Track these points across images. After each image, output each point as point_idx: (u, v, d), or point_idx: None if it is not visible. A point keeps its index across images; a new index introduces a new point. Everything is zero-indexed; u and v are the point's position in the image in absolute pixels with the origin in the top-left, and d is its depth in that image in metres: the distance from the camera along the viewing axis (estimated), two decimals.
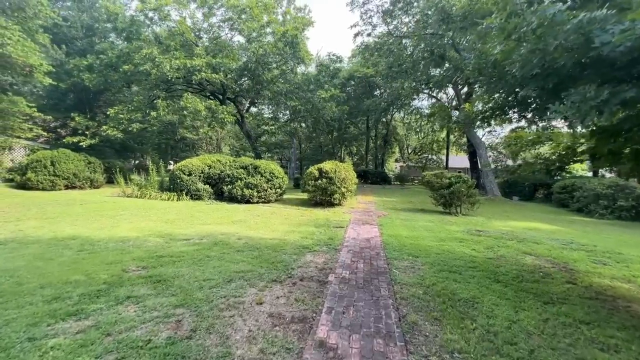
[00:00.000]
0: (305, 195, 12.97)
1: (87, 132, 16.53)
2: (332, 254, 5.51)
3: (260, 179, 12.03)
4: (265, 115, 22.03)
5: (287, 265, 4.72)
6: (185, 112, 15.42)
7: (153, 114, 15.14)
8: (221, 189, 12.43)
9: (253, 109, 21.16)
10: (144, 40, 15.37)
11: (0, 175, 14.42)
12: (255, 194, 11.87)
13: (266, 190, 12.14)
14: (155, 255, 4.93)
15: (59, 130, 19.10)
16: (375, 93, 30.90)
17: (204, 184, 12.52)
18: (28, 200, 10.19)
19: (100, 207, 9.33)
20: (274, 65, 18.37)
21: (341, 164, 12.59)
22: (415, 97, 28.50)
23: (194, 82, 15.96)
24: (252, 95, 20.05)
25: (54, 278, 3.82)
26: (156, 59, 14.46)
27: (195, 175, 12.28)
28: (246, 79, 19.45)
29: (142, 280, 3.91)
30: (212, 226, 7.58)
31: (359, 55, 27.26)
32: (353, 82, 30.24)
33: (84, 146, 15.50)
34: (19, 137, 11.69)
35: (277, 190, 12.55)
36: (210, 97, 20.36)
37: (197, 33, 18.92)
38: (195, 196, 12.22)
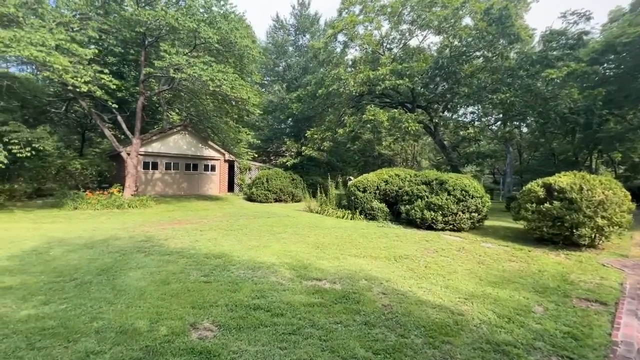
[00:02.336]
0: (520, 225, 8.59)
1: (292, 153, 19.31)
2: None
3: (446, 199, 8.97)
4: (462, 119, 18.04)
5: None
6: (368, 125, 14.67)
7: (340, 131, 15.42)
8: (399, 209, 10.33)
9: (447, 114, 17.84)
10: (335, 64, 16.14)
11: (243, 190, 18.93)
12: (440, 218, 8.91)
13: (456, 214, 8.89)
14: (252, 305, 3.55)
15: (279, 152, 23.78)
16: None
17: (380, 202, 10.88)
18: (238, 211, 12.27)
19: (276, 222, 9.62)
20: (475, 54, 14.52)
21: (593, 177, 7.37)
22: None
23: (377, 92, 15.06)
24: (447, 98, 16.84)
25: (117, 317, 3.10)
26: (342, 78, 14.64)
27: (369, 192, 10.90)
28: (439, 79, 16.61)
29: (185, 356, 2.50)
30: (364, 261, 5.64)
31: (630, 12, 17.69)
32: (612, 56, 19.96)
33: (288, 165, 18.14)
34: (241, 159, 14.99)
35: (473, 215, 8.96)
36: (399, 107, 18.93)
37: (385, 44, 18.17)
38: (370, 216, 10.78)
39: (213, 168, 19.40)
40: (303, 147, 17.74)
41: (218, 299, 3.70)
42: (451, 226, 8.93)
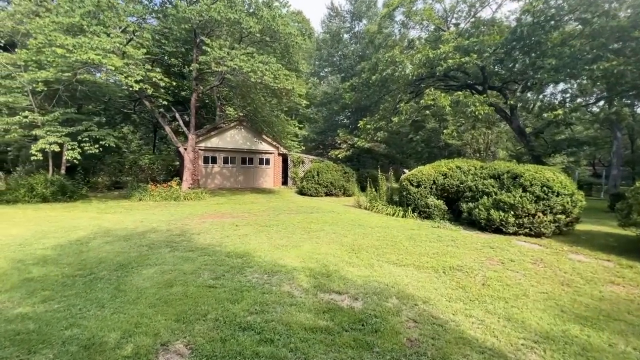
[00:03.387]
0: (631, 232, 6.49)
1: (343, 145, 18.45)
2: None
3: (521, 196, 7.22)
4: (549, 99, 14.68)
5: None
6: (427, 111, 13.03)
7: (395, 119, 14.03)
8: (460, 208, 8.80)
9: (530, 95, 14.85)
10: (390, 46, 14.71)
11: (296, 183, 18.85)
12: (512, 219, 7.22)
13: (534, 216, 7.11)
14: (244, 323, 2.98)
15: (335, 145, 23.13)
16: None
17: (437, 199, 9.45)
18: (284, 205, 11.99)
19: (317, 219, 9.00)
20: (568, 17, 11.70)
21: None
22: None
23: (439, 74, 13.21)
24: (529, 75, 14.04)
25: (94, 326, 2.78)
26: (397, 60, 13.23)
27: (424, 187, 9.53)
28: (518, 52, 13.92)
29: None
30: (403, 271, 4.66)
31: None
32: None
33: (340, 158, 17.37)
34: (291, 152, 14.72)
35: (559, 217, 7.05)
36: (466, 90, 16.53)
37: (450, 19, 15.98)
38: (424, 214, 9.45)
39: (267, 162, 19.73)
40: (355, 139, 16.78)
41: (211, 310, 3.21)
42: (527, 230, 7.18)
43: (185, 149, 13.27)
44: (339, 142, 17.96)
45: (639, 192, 5.93)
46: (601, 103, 15.71)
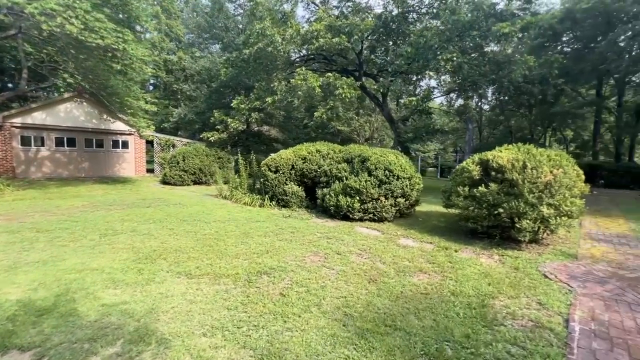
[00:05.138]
0: (456, 211, 6.84)
1: (218, 127, 16.56)
2: None
3: (365, 181, 6.96)
4: (411, 89, 15.96)
5: None
6: (299, 92, 12.28)
7: (269, 99, 12.86)
8: (316, 194, 8.25)
9: (402, 84, 15.70)
10: (260, 17, 13.25)
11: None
12: (357, 205, 6.92)
13: (377, 200, 6.95)
14: None
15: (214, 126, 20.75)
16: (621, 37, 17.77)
17: (298, 185, 8.75)
18: (126, 197, 9.63)
19: (144, 214, 7.18)
20: (425, 11, 12.34)
21: (541, 152, 5.62)
22: None
23: (309, 52, 12.56)
24: (396, 64, 14.68)
25: None
26: (267, 34, 11.96)
27: (282, 173, 8.68)
28: (387, 38, 14.38)
29: None
30: (191, 285, 3.50)
31: None
32: (570, 23, 18.68)
33: (212, 140, 15.53)
34: (140, 130, 12.12)
35: (399, 200, 7.06)
36: (346, 75, 16.54)
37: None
38: (282, 202, 8.64)
39: (125, 145, 16.22)
40: (229, 120, 15.07)
41: None
42: (371, 215, 7.00)
43: None
44: (215, 123, 15.96)
45: (457, 175, 6.17)
46: (454, 96, 17.80)
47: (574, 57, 19.01)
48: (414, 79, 16.18)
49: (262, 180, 8.99)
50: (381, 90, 15.20)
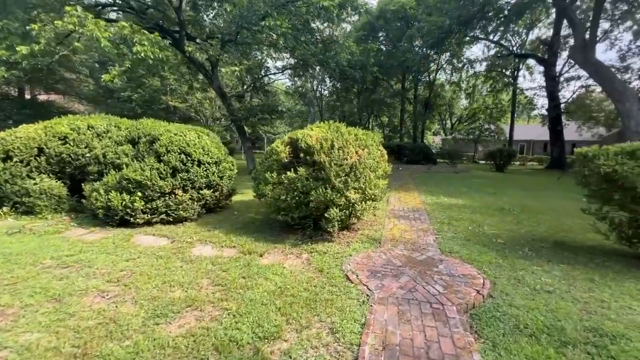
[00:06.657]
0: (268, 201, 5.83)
1: None
2: None
3: (151, 169, 4.98)
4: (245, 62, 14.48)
5: None
6: (77, 43, 8.54)
7: (22, 49, 8.37)
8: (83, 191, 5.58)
9: (233, 52, 13.82)
10: None
11: None
12: (140, 204, 4.88)
13: (170, 195, 5.11)
14: None
15: None
16: (416, 43, 21.77)
17: (56, 179, 5.77)
18: None
19: None
20: None
21: (349, 130, 5.15)
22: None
23: None
24: (228, 31, 12.58)
25: None
26: None
27: (21, 161, 5.50)
28: (216, 2, 12.09)
29: None
30: None
31: None
32: (383, 21, 21.60)
33: None
34: None
35: (204, 192, 5.46)
36: (167, 37, 13.06)
37: None
38: (24, 207, 5.51)
39: None
40: None
41: None
42: (163, 216, 5.13)
43: None
44: None
45: (266, 158, 5.09)
46: (289, 73, 17.42)
47: (387, 54, 22.25)
48: (248, 51, 14.65)
49: None
50: (210, 59, 12.92)
